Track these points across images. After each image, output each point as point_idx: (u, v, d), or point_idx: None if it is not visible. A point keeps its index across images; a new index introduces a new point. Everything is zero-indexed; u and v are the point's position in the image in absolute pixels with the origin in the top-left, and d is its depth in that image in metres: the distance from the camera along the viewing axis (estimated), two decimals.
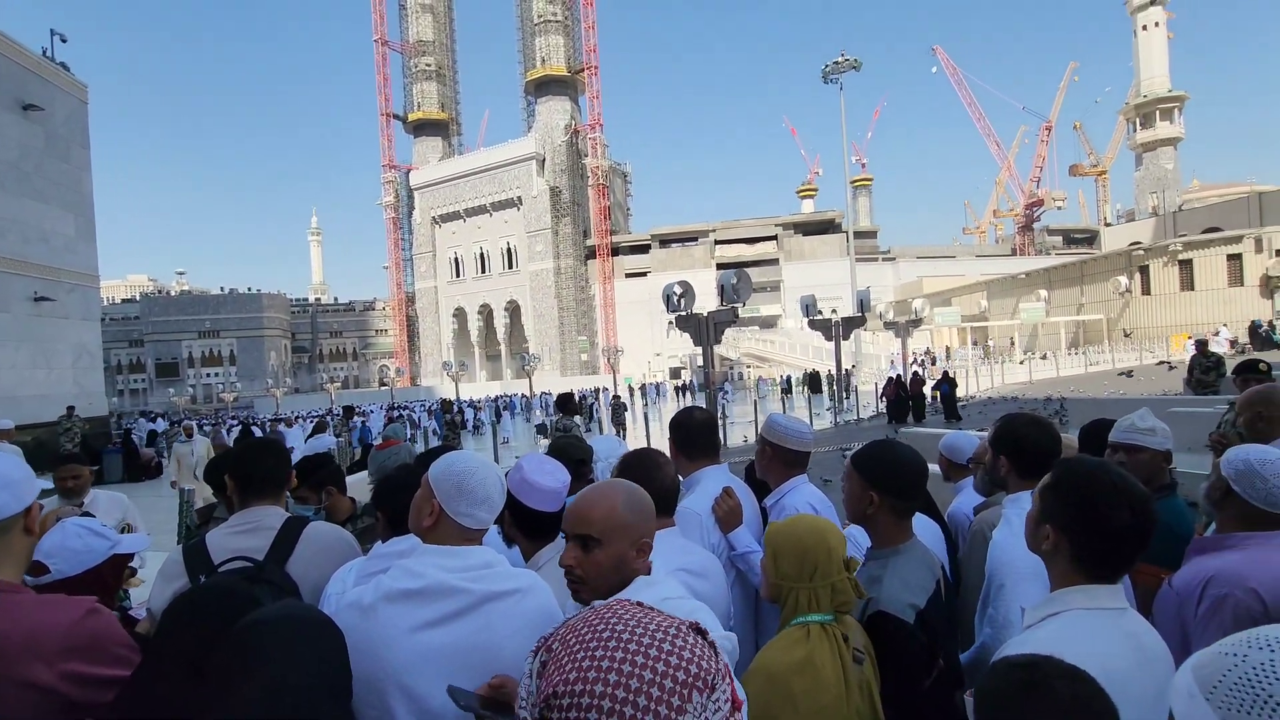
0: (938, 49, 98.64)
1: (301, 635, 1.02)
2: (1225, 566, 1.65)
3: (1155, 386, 18.48)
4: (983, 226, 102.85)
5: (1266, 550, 1.65)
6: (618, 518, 1.28)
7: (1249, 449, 1.74)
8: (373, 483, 2.85)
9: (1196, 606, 1.65)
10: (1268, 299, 31.85)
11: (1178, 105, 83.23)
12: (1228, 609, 1.58)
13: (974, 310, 48.86)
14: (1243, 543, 1.68)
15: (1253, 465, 1.68)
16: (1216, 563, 1.67)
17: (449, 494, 1.40)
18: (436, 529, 1.41)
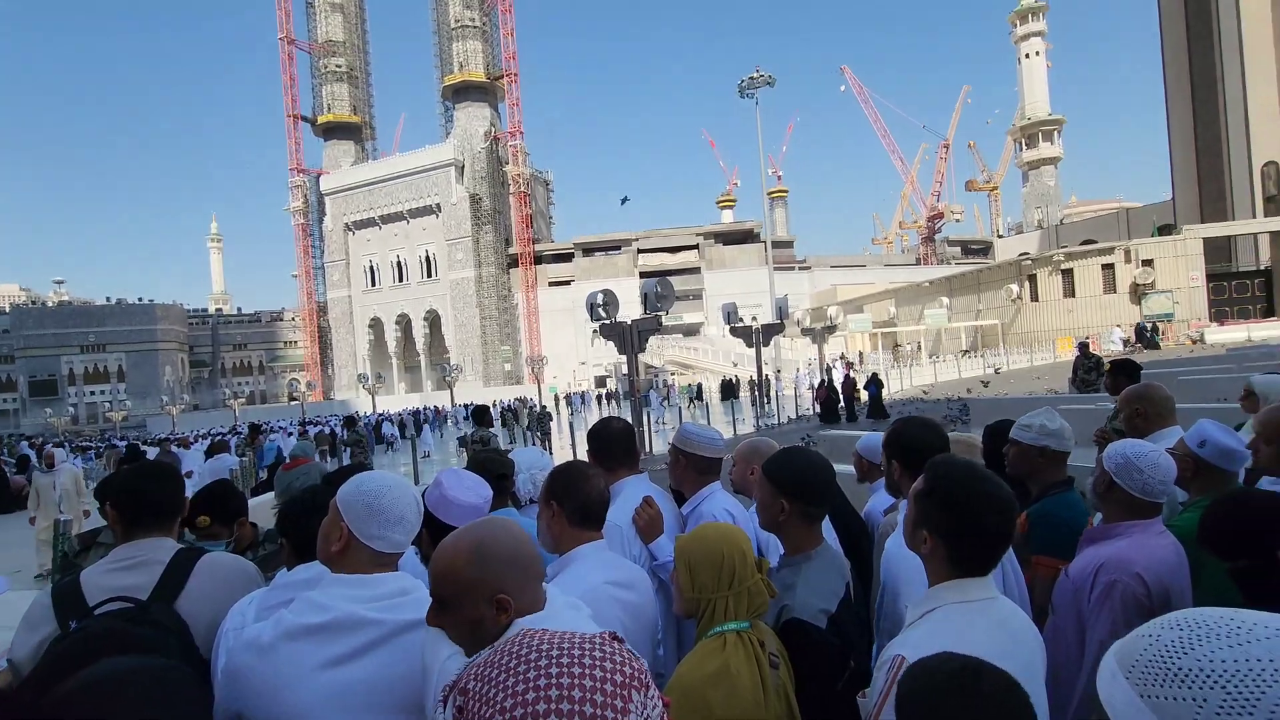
0: (846, 69, 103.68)
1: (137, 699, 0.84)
2: (1113, 554, 1.78)
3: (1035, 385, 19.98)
4: (890, 237, 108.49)
5: (1147, 536, 1.81)
6: (460, 577, 1.12)
7: (1127, 444, 1.89)
8: (278, 505, 2.66)
9: (1090, 593, 1.77)
10: (1136, 304, 35.13)
11: (1057, 128, 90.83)
12: (1117, 594, 1.71)
13: (884, 316, 51.34)
14: (1127, 531, 1.83)
15: (1130, 459, 1.82)
16: (1106, 551, 1.81)
17: (359, 516, 1.31)
18: (346, 555, 1.32)
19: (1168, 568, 1.75)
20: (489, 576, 1.11)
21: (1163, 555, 1.78)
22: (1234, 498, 1.68)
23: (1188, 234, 36.79)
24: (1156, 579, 1.71)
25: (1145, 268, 35.37)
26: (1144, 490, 1.80)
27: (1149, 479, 1.79)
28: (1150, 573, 1.71)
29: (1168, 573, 1.74)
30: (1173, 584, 1.74)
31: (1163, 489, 1.81)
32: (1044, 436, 2.34)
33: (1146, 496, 1.81)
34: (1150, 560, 1.73)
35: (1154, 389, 2.90)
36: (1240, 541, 1.51)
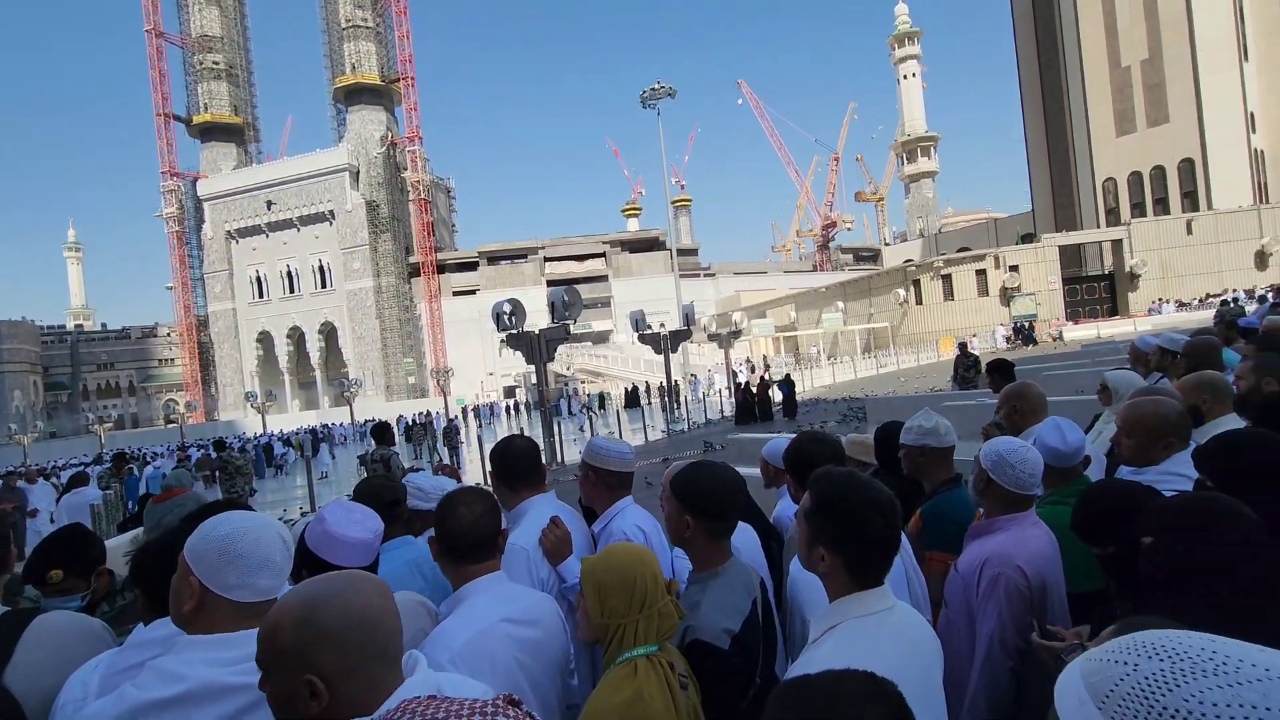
0: (742, 83, 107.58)
1: None
2: (996, 549, 1.88)
3: (923, 383, 21.41)
4: (788, 245, 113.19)
5: (1024, 528, 1.92)
6: (275, 643, 0.93)
7: (1000, 442, 2.00)
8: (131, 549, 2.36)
9: (977, 586, 1.86)
10: (1005, 306, 38.39)
11: (933, 143, 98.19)
12: (1000, 586, 1.81)
13: (785, 321, 53.41)
14: (1006, 525, 1.93)
15: (1003, 455, 1.93)
16: (989, 546, 1.91)
17: (212, 567, 1.15)
18: (202, 613, 1.15)
19: (1044, 558, 1.87)
20: (306, 651, 0.90)
21: (1039, 547, 1.89)
22: (1101, 489, 1.82)
23: (1045, 242, 40.63)
24: (1035, 570, 1.82)
25: (1012, 273, 38.72)
26: (1018, 484, 1.91)
27: (1020, 473, 1.90)
28: (1030, 565, 1.81)
29: (1044, 563, 1.86)
30: (1049, 573, 1.86)
31: (1033, 482, 1.92)
32: (924, 436, 2.44)
33: (1021, 490, 1.92)
34: (1029, 552, 1.84)
35: (1028, 387, 3.13)
36: (1107, 530, 1.62)
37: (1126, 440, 2.22)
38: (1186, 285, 37.36)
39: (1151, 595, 1.36)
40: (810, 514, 1.33)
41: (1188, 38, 46.24)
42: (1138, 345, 4.65)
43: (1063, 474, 2.21)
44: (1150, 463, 2.14)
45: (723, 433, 17.09)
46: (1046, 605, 1.85)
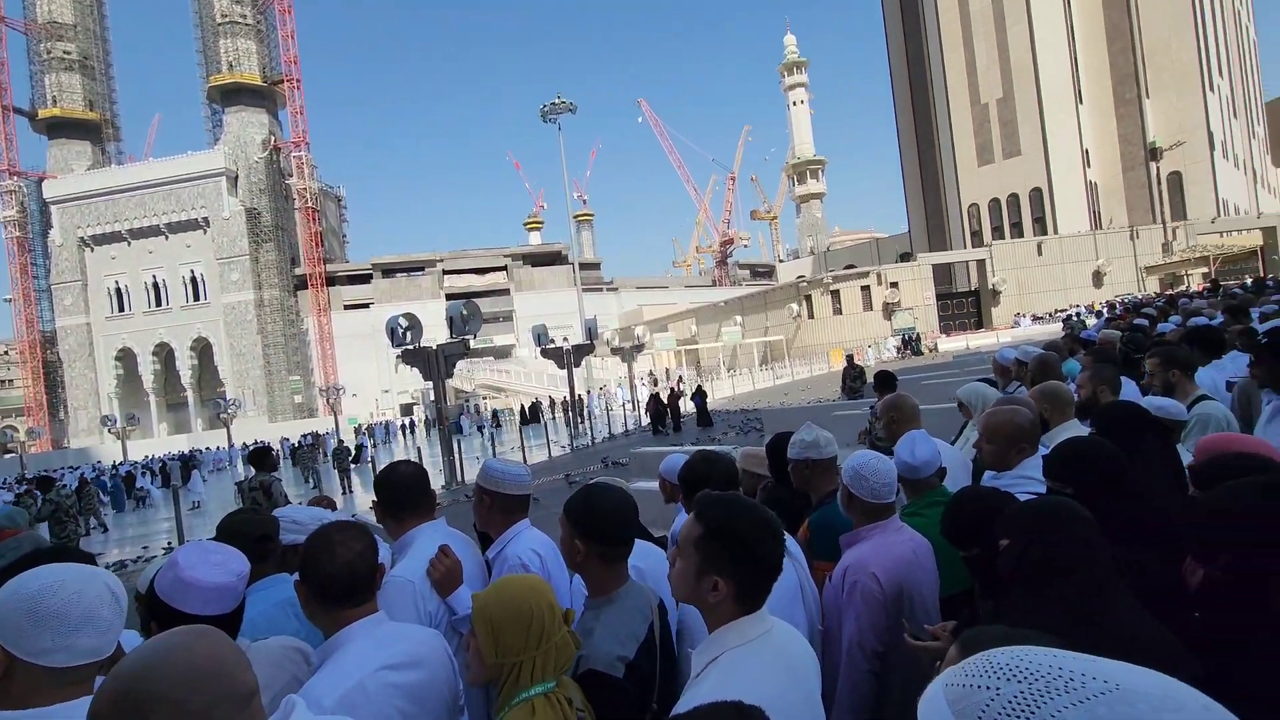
0: (642, 102, 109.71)
1: None
2: (856, 557, 1.99)
3: (815, 394, 22.54)
4: (689, 260, 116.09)
5: (886, 536, 2.03)
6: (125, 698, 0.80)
7: (855, 458, 2.09)
8: None
9: (843, 593, 1.96)
10: (888, 320, 41.13)
11: (821, 167, 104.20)
12: (858, 593, 1.90)
13: (686, 335, 54.59)
14: (869, 533, 2.04)
15: (858, 471, 2.03)
16: (853, 554, 2.02)
17: (20, 630, 1.00)
18: (11, 685, 1.00)
19: (902, 564, 1.96)
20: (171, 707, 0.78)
21: (898, 553, 1.98)
22: (965, 495, 1.96)
23: (921, 261, 44.00)
24: (890, 576, 1.92)
25: (893, 289, 41.58)
26: (873, 495, 2.01)
27: (875, 485, 2.01)
28: (884, 571, 1.92)
29: (902, 568, 1.95)
30: (906, 578, 1.95)
31: (888, 492, 2.03)
32: (805, 449, 2.53)
33: (877, 500, 2.02)
34: (885, 559, 1.94)
35: (903, 398, 3.35)
36: (971, 533, 1.75)
37: (986, 446, 2.42)
38: (1040, 301, 41.50)
39: (1009, 595, 1.48)
40: (702, 541, 1.28)
41: (1034, 81, 51.82)
42: (998, 358, 5.09)
43: (917, 486, 2.37)
44: (1007, 467, 2.34)
45: (627, 446, 17.17)
46: (906, 609, 1.91)
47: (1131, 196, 51.73)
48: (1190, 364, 3.50)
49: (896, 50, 65.98)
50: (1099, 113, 53.01)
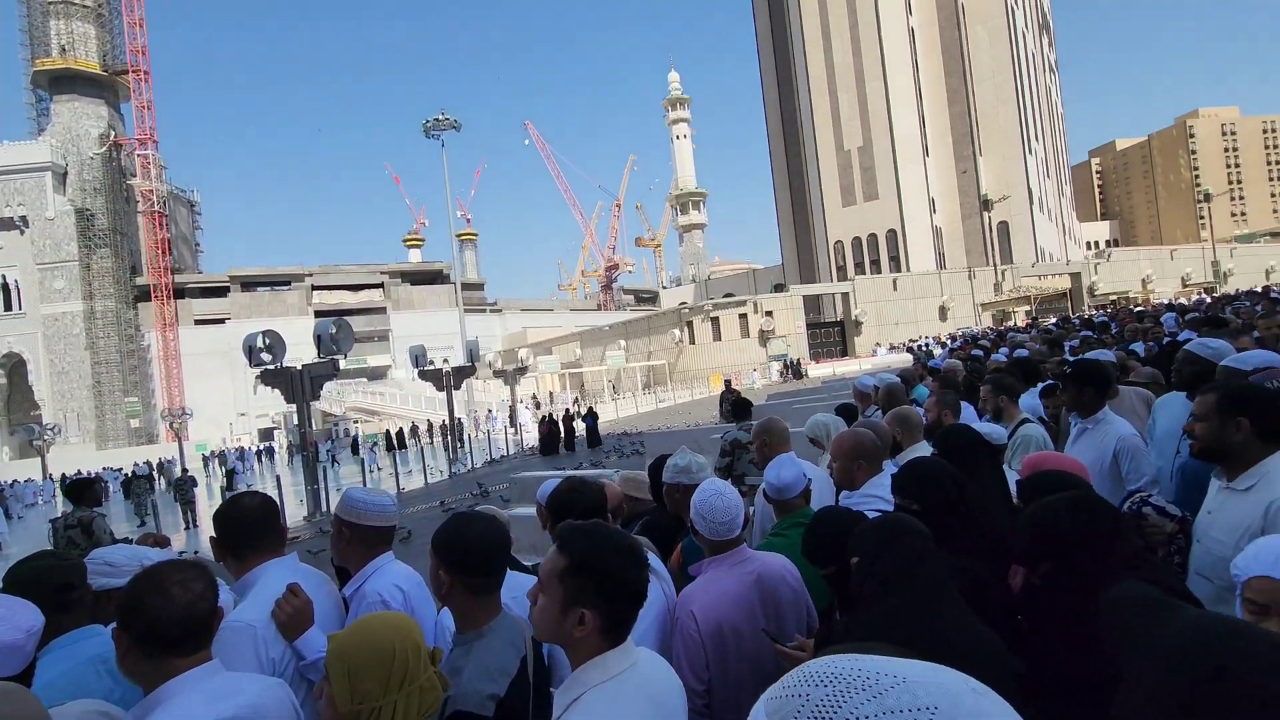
0: (529, 124, 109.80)
1: None
2: (687, 593, 1.96)
3: (695, 418, 23.23)
4: (574, 284, 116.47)
5: (719, 572, 2.00)
6: None
7: (699, 493, 2.05)
8: None
9: (674, 628, 1.93)
10: (763, 347, 43.26)
11: (702, 199, 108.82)
12: (678, 633, 1.88)
13: (571, 358, 54.48)
14: (708, 567, 2.02)
15: (698, 510, 2.01)
16: (685, 590, 1.99)
17: None
18: None
19: (726, 600, 1.91)
20: None
21: (730, 587, 1.93)
22: (821, 516, 2.07)
23: (793, 292, 46.82)
24: (709, 615, 1.87)
25: (768, 317, 43.86)
26: (713, 534, 2.01)
27: (713, 524, 1.99)
28: (703, 609, 1.87)
29: (726, 604, 1.90)
30: (727, 617, 1.89)
31: (727, 529, 2.01)
32: (677, 474, 2.57)
33: (720, 537, 2.02)
34: (707, 599, 1.90)
35: (774, 423, 3.51)
36: (828, 552, 1.85)
37: (834, 464, 2.59)
38: (896, 332, 45.33)
39: (859, 608, 1.57)
40: (567, 574, 1.24)
41: (889, 133, 57.29)
42: (857, 385, 5.48)
43: (784, 507, 2.48)
44: (853, 484, 2.52)
45: (508, 471, 16.76)
46: (732, 646, 1.87)
47: (969, 241, 58.10)
48: (1015, 391, 3.94)
49: (771, 95, 70.59)
50: (942, 166, 59.32)
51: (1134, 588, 1.37)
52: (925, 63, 58.87)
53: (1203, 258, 52.70)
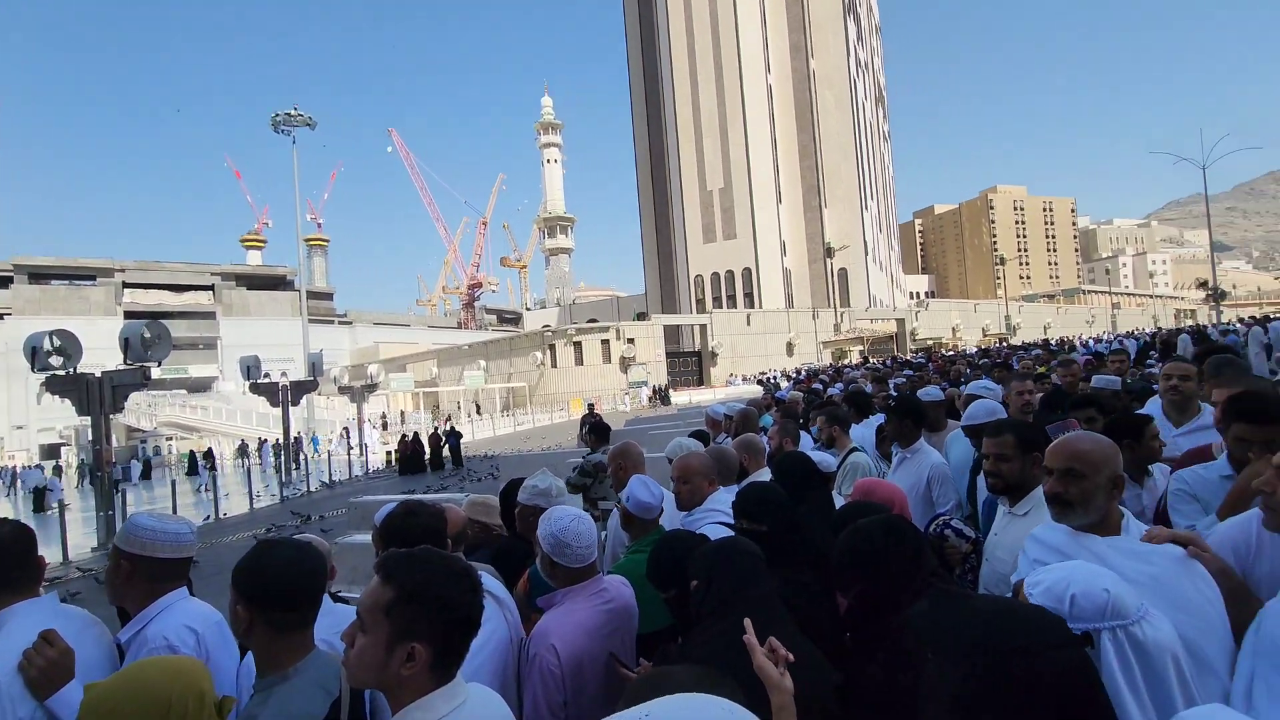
0: (393, 132, 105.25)
1: None
2: (541, 626, 1.86)
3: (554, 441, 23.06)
4: (434, 300, 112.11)
5: (577, 603, 1.93)
6: None
7: (553, 524, 1.96)
8: None
9: (525, 663, 1.84)
10: (624, 373, 44.00)
11: (570, 224, 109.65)
12: (536, 666, 1.79)
13: (426, 376, 52.08)
14: (563, 598, 1.94)
15: (558, 537, 1.92)
16: (542, 622, 1.89)
17: None
18: None
19: (584, 633, 1.85)
20: None
21: (585, 618, 1.88)
22: (665, 539, 2.09)
23: (655, 321, 48.22)
24: (569, 648, 1.80)
25: (629, 344, 44.75)
26: (579, 559, 1.95)
27: (576, 551, 1.93)
28: (564, 642, 1.80)
29: (584, 637, 1.85)
30: (587, 650, 1.83)
31: (589, 554, 1.97)
32: (535, 496, 2.51)
33: (582, 563, 1.96)
34: (567, 630, 1.82)
35: (629, 446, 3.54)
36: (670, 575, 1.86)
37: (677, 486, 2.68)
38: (749, 364, 48.01)
39: (697, 630, 1.59)
40: (394, 606, 1.12)
41: (747, 178, 61.43)
42: (710, 412, 5.70)
43: (644, 526, 2.50)
44: (695, 503, 2.60)
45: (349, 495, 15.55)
46: (589, 679, 1.82)
47: (814, 284, 63.26)
48: (847, 422, 4.28)
49: (641, 131, 73.10)
50: (793, 213, 64.39)
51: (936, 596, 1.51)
52: (780, 118, 63.94)
53: (999, 312, 61.16)
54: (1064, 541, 1.63)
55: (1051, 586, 1.15)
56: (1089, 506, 1.63)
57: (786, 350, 50.16)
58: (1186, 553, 1.51)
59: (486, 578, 1.74)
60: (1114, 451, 1.67)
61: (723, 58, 62.58)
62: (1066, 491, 1.64)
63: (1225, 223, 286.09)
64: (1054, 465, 1.69)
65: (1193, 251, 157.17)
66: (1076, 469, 1.64)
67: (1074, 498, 1.62)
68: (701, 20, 63.72)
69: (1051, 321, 63.72)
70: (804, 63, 64.01)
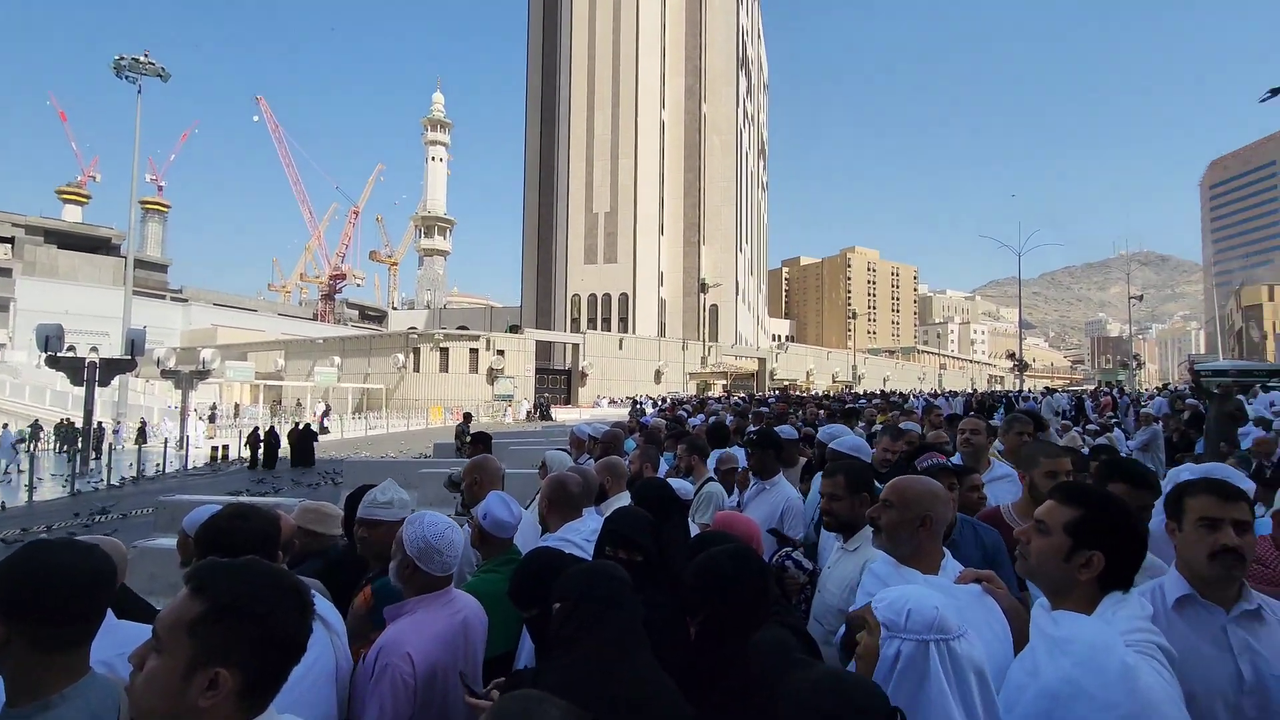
0: (261, 100, 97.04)
1: None
2: (394, 635, 1.78)
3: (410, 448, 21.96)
4: (289, 287, 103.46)
5: (432, 611, 1.86)
6: None
7: (425, 527, 1.90)
8: None
9: (370, 677, 1.73)
10: (490, 384, 42.94)
11: (450, 226, 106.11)
12: (387, 677, 1.70)
13: (270, 368, 47.78)
14: (416, 606, 1.85)
15: (430, 542, 1.86)
16: (393, 631, 1.80)
17: None
18: None
19: (441, 642, 1.81)
20: None
21: (441, 628, 1.84)
22: (530, 557, 2.05)
23: (528, 335, 47.61)
24: (425, 657, 1.75)
25: (499, 356, 43.80)
26: (444, 569, 1.90)
27: (447, 558, 1.88)
28: (420, 651, 1.75)
29: (440, 648, 1.81)
30: (441, 658, 1.80)
31: (454, 561, 1.92)
32: (374, 508, 2.32)
33: (445, 573, 1.92)
34: (424, 638, 1.78)
35: (488, 460, 3.45)
36: (533, 594, 1.83)
37: (544, 506, 2.66)
38: (618, 387, 48.59)
39: (553, 653, 1.58)
40: (201, 624, 0.98)
41: (633, 206, 62.88)
42: (575, 431, 5.71)
43: (500, 545, 2.44)
44: (559, 524, 2.59)
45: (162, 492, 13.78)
46: (439, 690, 1.77)
47: (687, 316, 65.58)
48: (706, 452, 4.45)
49: (533, 145, 72.72)
50: (674, 245, 66.62)
51: (775, 633, 1.60)
52: (670, 154, 66.28)
53: (848, 361, 66.64)
54: (889, 574, 1.84)
55: (893, 602, 1.30)
56: (895, 537, 1.85)
57: (655, 377, 51.38)
58: (982, 588, 1.74)
59: (316, 597, 1.61)
60: (932, 496, 1.88)
61: (621, 87, 64.06)
62: (878, 518, 1.89)
63: (1031, 305, 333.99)
64: (883, 496, 1.93)
65: (1005, 326, 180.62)
66: (891, 501, 1.87)
67: (883, 525, 1.87)
68: (604, 48, 64.97)
69: (890, 374, 70.36)
70: (697, 106, 67.00)
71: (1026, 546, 1.56)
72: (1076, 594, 1.47)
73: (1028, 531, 1.58)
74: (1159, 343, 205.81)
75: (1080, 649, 1.35)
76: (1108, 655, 1.31)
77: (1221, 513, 1.61)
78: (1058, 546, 1.49)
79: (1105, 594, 1.46)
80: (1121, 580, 1.47)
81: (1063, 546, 1.48)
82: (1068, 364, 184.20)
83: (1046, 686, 1.37)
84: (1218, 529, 1.60)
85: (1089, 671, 1.31)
